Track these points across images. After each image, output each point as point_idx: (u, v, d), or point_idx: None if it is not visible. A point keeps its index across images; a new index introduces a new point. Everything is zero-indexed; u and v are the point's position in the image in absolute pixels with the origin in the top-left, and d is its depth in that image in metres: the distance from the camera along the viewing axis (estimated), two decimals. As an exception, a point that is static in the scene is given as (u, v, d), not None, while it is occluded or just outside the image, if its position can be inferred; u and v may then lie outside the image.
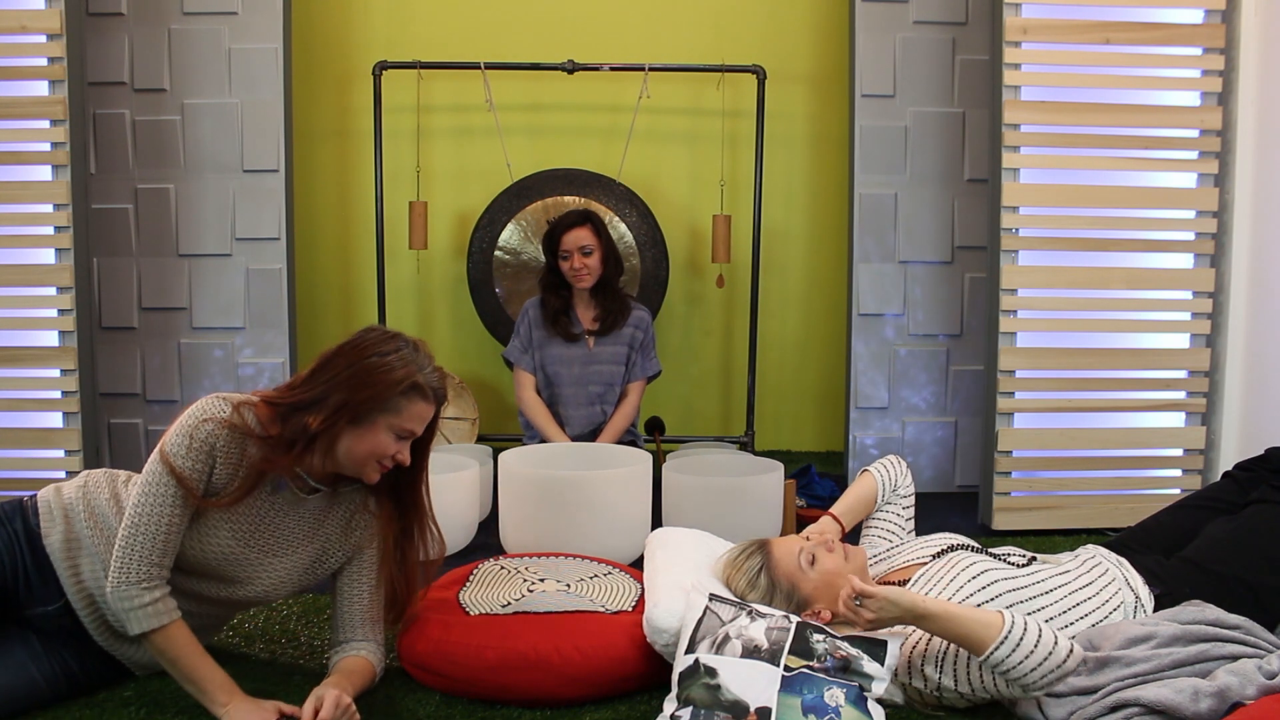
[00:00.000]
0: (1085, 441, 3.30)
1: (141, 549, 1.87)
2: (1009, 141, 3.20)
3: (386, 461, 1.95)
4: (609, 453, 3.12)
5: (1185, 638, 1.85)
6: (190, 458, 1.89)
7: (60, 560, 1.96)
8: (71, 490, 2.05)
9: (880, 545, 2.43)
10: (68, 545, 1.97)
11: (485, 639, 2.04)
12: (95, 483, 2.07)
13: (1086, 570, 2.12)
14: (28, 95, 3.15)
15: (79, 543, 1.98)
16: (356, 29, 4.20)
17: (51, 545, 1.97)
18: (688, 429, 4.30)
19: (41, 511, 2.00)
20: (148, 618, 1.85)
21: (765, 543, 2.17)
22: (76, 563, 1.97)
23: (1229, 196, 3.25)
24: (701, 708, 1.77)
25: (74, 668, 1.99)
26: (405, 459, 1.97)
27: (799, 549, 2.11)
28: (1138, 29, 3.21)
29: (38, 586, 1.96)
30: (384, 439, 1.92)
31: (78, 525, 1.99)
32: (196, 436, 1.90)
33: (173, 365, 3.72)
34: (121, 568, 1.87)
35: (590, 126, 4.21)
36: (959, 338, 3.79)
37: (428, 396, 1.94)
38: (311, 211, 4.24)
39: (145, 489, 1.90)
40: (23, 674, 1.93)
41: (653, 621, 2.03)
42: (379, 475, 1.97)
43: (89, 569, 1.97)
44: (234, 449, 1.92)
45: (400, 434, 1.94)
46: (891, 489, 2.48)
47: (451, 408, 3.89)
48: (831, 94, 4.20)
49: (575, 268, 3.50)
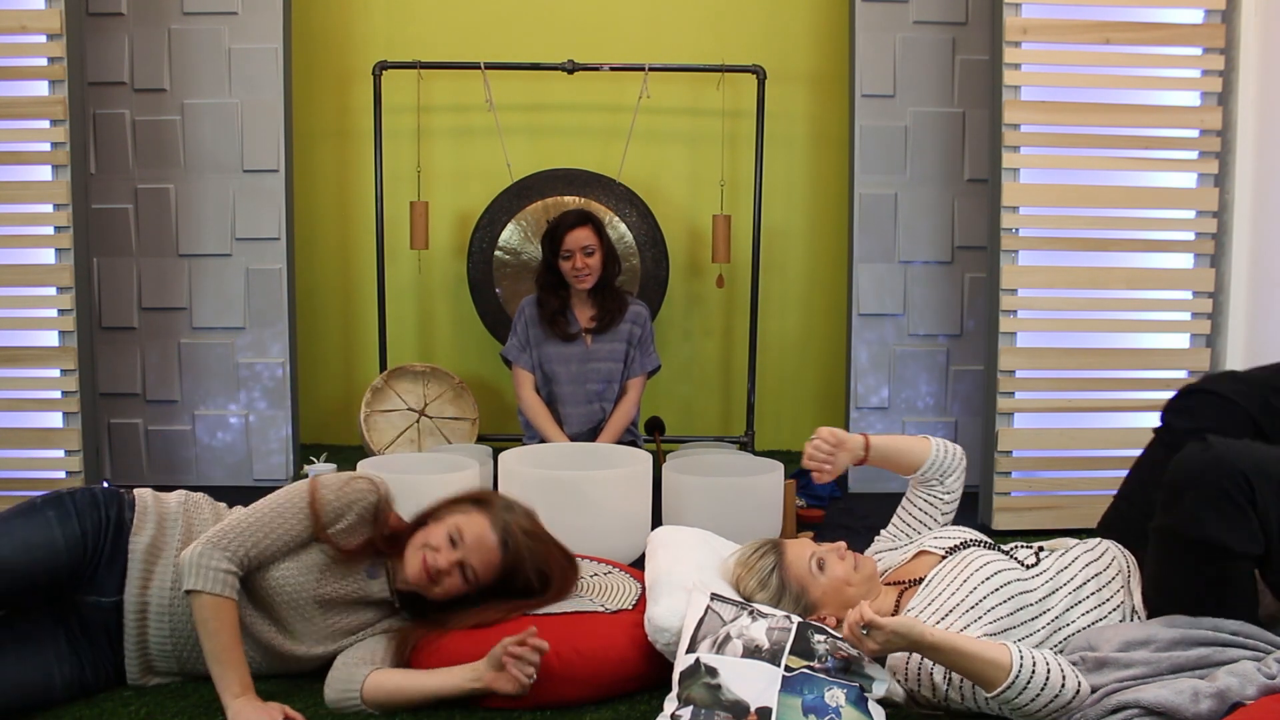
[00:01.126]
0: (1085, 441, 3.30)
1: (245, 533, 1.95)
2: (1009, 141, 3.20)
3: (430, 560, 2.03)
4: (609, 453, 3.12)
5: (1185, 641, 1.85)
6: (333, 496, 2.03)
7: (138, 561, 2.00)
8: (173, 502, 2.11)
9: (901, 537, 2.40)
10: (151, 549, 2.01)
11: (486, 641, 2.02)
12: (197, 504, 2.14)
13: (1095, 558, 2.09)
14: (28, 95, 3.15)
15: (162, 551, 2.02)
16: (356, 29, 4.20)
17: (136, 544, 2.00)
18: (688, 429, 4.30)
19: (138, 509, 2.05)
20: (211, 580, 1.89)
21: (778, 543, 2.17)
22: (151, 569, 2.00)
23: (1229, 196, 3.25)
24: (702, 707, 1.77)
25: (88, 675, 1.99)
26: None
27: (810, 553, 2.11)
28: (1138, 29, 3.21)
29: (103, 577, 1.98)
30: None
31: (169, 535, 2.04)
32: (350, 487, 2.06)
33: (173, 365, 3.72)
34: (219, 535, 1.94)
35: (590, 126, 4.21)
36: (959, 338, 3.79)
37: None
38: (311, 211, 4.24)
39: (280, 496, 2.03)
40: (45, 675, 1.94)
41: (654, 621, 2.03)
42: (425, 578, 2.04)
43: (159, 579, 2.00)
44: (367, 517, 2.05)
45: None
46: (939, 471, 2.36)
47: (451, 408, 3.89)
48: (831, 94, 4.20)
49: (577, 268, 3.49)
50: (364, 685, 1.92)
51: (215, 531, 1.94)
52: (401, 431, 3.82)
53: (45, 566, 1.93)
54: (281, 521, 1.98)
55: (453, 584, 2.02)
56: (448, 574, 2.01)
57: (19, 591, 1.93)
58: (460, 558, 2.01)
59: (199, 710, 1.92)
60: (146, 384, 3.72)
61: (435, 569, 2.00)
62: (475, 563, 2.02)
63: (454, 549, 2.01)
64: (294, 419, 3.77)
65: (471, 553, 2.02)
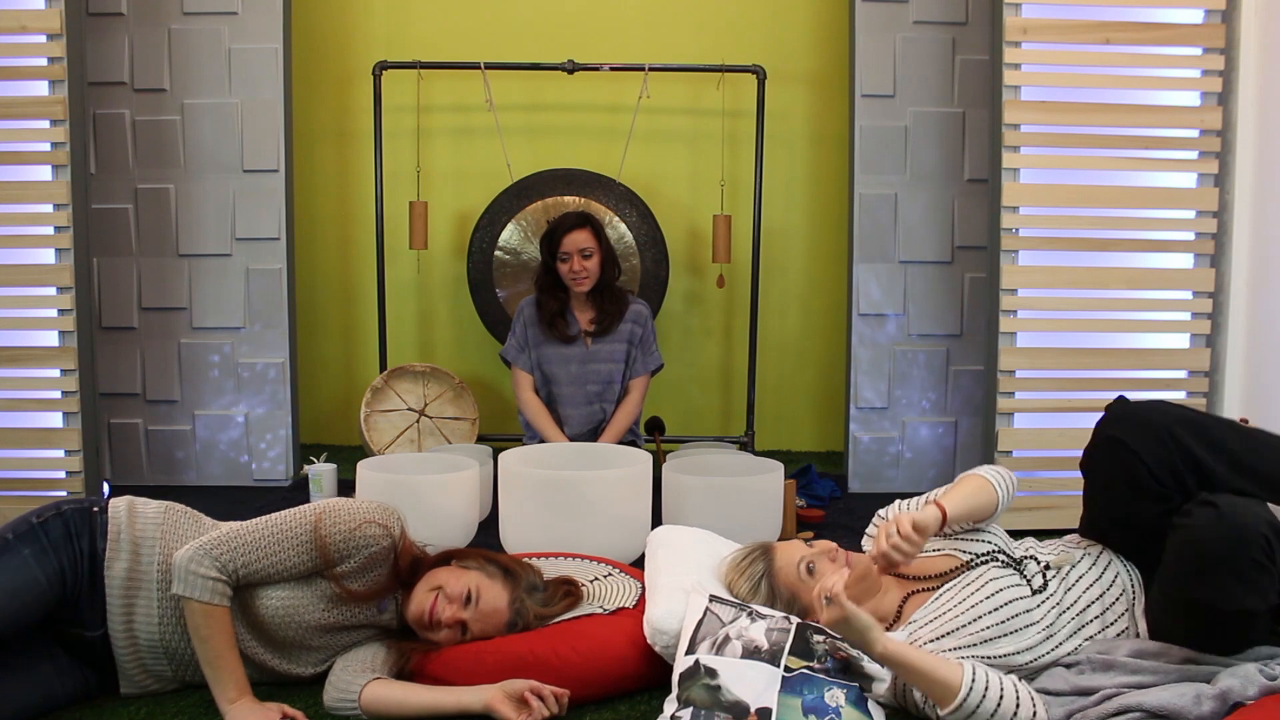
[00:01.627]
0: (1085, 442, 3.29)
1: (240, 548, 1.90)
2: (1009, 141, 3.20)
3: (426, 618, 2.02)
4: (609, 453, 3.12)
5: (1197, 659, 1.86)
6: (341, 538, 1.97)
7: (117, 594, 1.92)
8: (150, 522, 2.00)
9: (936, 539, 2.29)
10: (129, 581, 1.93)
11: (484, 641, 2.04)
12: (175, 521, 2.03)
13: (1098, 577, 2.06)
14: (28, 95, 3.15)
15: (140, 582, 1.94)
16: (356, 29, 4.20)
17: (112, 577, 1.93)
18: (688, 429, 4.30)
19: (110, 536, 1.94)
20: (201, 588, 1.85)
21: (768, 548, 2.16)
22: (132, 601, 1.93)
23: (1229, 196, 3.25)
24: (702, 708, 1.77)
25: (93, 686, 1.98)
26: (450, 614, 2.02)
27: (799, 558, 2.09)
28: (1138, 29, 3.21)
29: (86, 611, 1.92)
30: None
31: (145, 562, 1.95)
32: (360, 532, 1.98)
33: (173, 365, 3.72)
34: (212, 542, 1.89)
35: (590, 126, 4.21)
36: (959, 338, 3.79)
37: None
38: (311, 211, 4.24)
39: (283, 520, 1.96)
40: (46, 691, 1.92)
41: (653, 623, 2.03)
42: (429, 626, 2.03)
43: (143, 611, 1.94)
44: (377, 559, 1.99)
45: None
46: (1005, 508, 2.24)
47: (451, 408, 3.89)
48: (831, 94, 4.20)
49: (575, 270, 3.49)
50: (362, 694, 1.91)
51: (210, 538, 1.90)
52: (401, 431, 3.82)
53: (34, 606, 1.87)
54: (282, 548, 1.93)
55: (448, 637, 2.01)
56: (448, 627, 2.00)
57: (12, 635, 1.88)
58: (465, 619, 2.00)
59: (198, 711, 1.92)
60: (146, 384, 3.72)
61: (438, 619, 1.99)
62: (476, 629, 2.02)
63: (464, 608, 2.00)
64: (294, 419, 3.77)
65: (477, 620, 2.01)
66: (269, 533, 1.94)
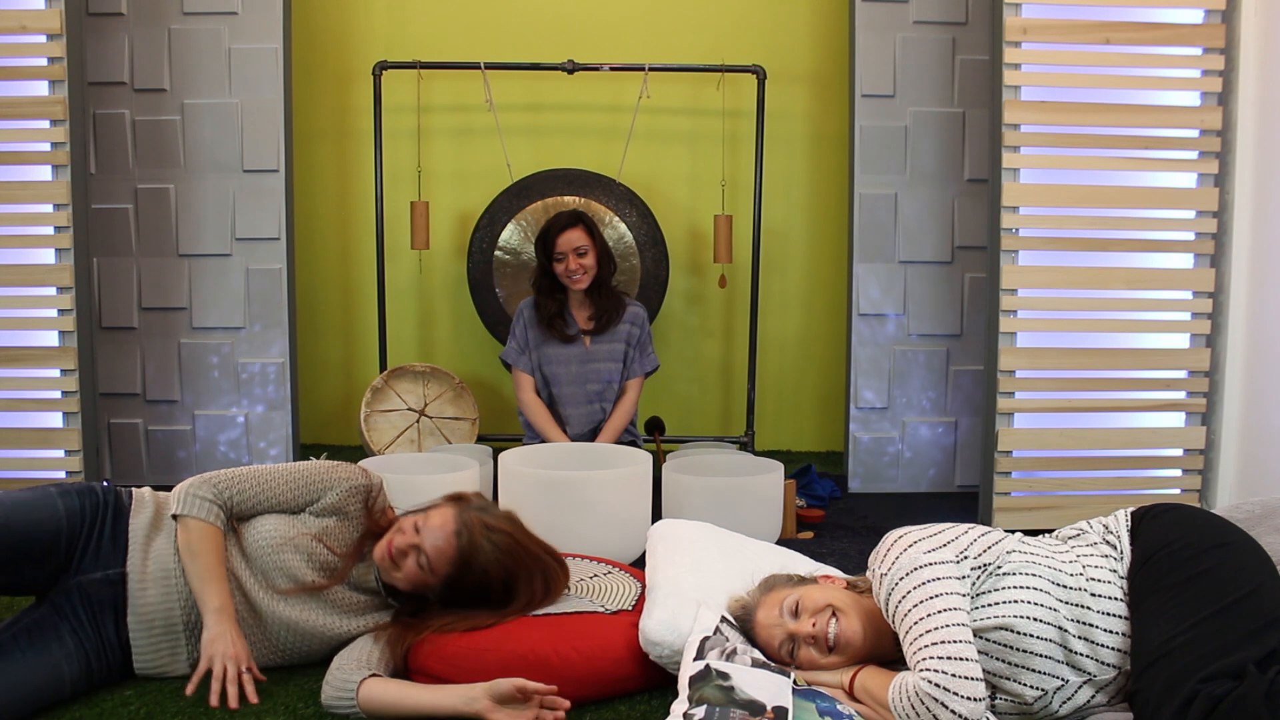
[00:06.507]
0: (1085, 441, 3.30)
1: (235, 480, 2.12)
2: (1009, 141, 3.20)
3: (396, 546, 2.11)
4: (609, 453, 3.12)
5: None
6: (324, 469, 2.21)
7: (139, 535, 2.09)
8: (171, 495, 2.19)
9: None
10: (151, 525, 2.11)
11: (485, 641, 2.04)
12: None
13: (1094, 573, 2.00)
14: (28, 95, 3.16)
15: (161, 527, 2.12)
16: (356, 29, 4.20)
17: (136, 525, 2.10)
18: (688, 429, 4.30)
19: (135, 498, 2.16)
20: (197, 506, 2.05)
21: (750, 607, 2.04)
22: (152, 539, 2.09)
23: (1229, 196, 3.25)
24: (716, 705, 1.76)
25: (93, 663, 2.02)
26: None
27: (779, 636, 1.94)
28: (1138, 29, 3.21)
29: (107, 552, 2.06)
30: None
31: (167, 515, 2.12)
32: (340, 468, 2.21)
33: (173, 365, 3.72)
34: (210, 474, 2.11)
35: (590, 126, 4.21)
36: (959, 338, 3.79)
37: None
38: (311, 211, 4.24)
39: (277, 465, 2.20)
40: (54, 674, 1.96)
41: (648, 634, 2.03)
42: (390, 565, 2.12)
43: (160, 547, 2.08)
44: (355, 497, 2.19)
45: None
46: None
47: (451, 408, 3.89)
48: (831, 94, 4.20)
49: (571, 269, 3.49)
50: (359, 690, 1.93)
51: (210, 474, 2.11)
52: (401, 431, 3.82)
53: (42, 532, 1.99)
54: (271, 480, 2.15)
55: (410, 569, 2.07)
56: (405, 555, 2.06)
57: (16, 557, 1.97)
58: (417, 543, 2.06)
59: (199, 711, 1.92)
60: (146, 384, 3.73)
61: (395, 549, 2.07)
62: (429, 549, 2.05)
63: (415, 534, 2.07)
64: (294, 419, 3.77)
65: (427, 540, 2.06)
66: (261, 470, 2.18)
